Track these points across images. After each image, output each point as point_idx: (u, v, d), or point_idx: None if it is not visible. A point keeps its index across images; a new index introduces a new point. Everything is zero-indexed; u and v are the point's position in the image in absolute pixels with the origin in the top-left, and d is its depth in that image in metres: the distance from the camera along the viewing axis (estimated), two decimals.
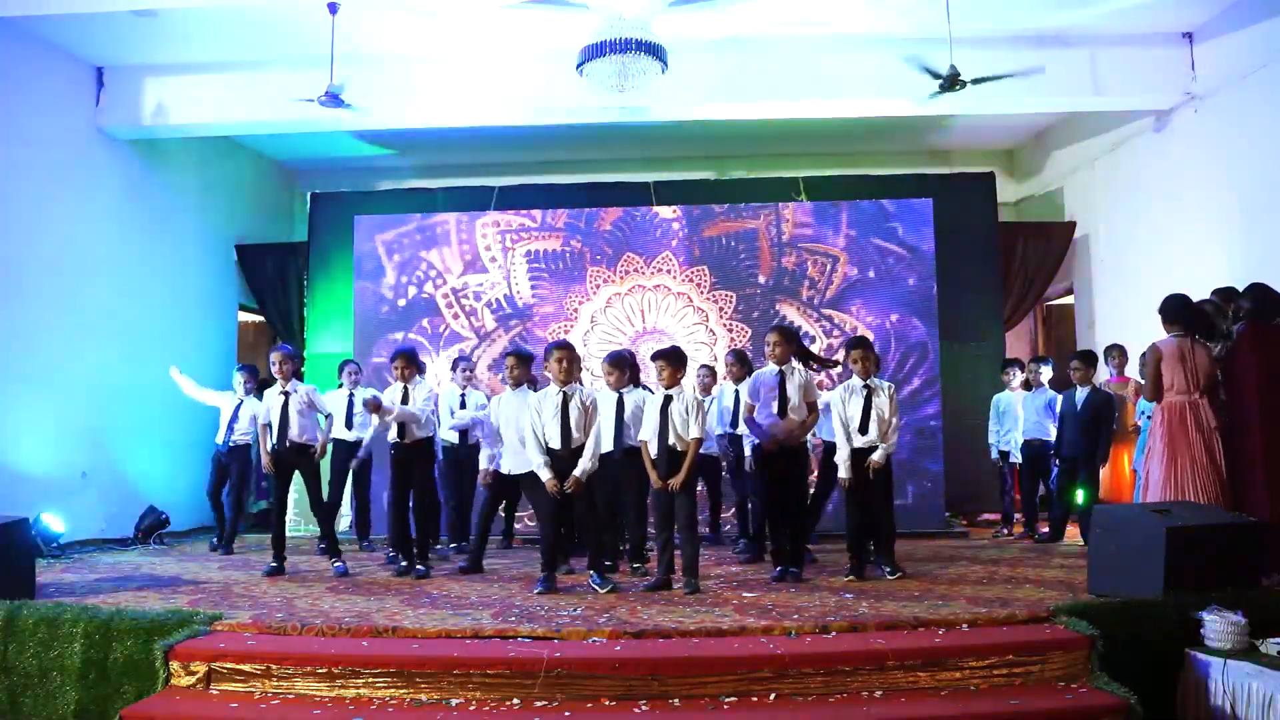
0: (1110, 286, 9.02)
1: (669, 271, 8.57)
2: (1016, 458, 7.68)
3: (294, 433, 6.03)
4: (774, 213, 8.60)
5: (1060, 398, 7.24)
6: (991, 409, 7.92)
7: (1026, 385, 7.69)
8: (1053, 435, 7.31)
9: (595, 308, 8.59)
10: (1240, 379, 5.18)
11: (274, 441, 6.03)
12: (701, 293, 8.54)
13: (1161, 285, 7.65)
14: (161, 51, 7.68)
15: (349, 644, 3.96)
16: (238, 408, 7.40)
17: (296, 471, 6.17)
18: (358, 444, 7.23)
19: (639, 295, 8.57)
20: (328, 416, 6.52)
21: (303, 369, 8.64)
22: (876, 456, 5.43)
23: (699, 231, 8.59)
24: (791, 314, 8.45)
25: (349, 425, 7.21)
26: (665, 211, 8.70)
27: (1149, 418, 6.05)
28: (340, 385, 7.36)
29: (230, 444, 7.42)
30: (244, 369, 7.64)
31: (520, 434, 5.40)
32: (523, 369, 5.83)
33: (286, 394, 6.07)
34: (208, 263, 9.59)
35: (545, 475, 5.13)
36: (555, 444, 5.18)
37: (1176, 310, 5.36)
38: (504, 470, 5.81)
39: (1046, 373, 7.67)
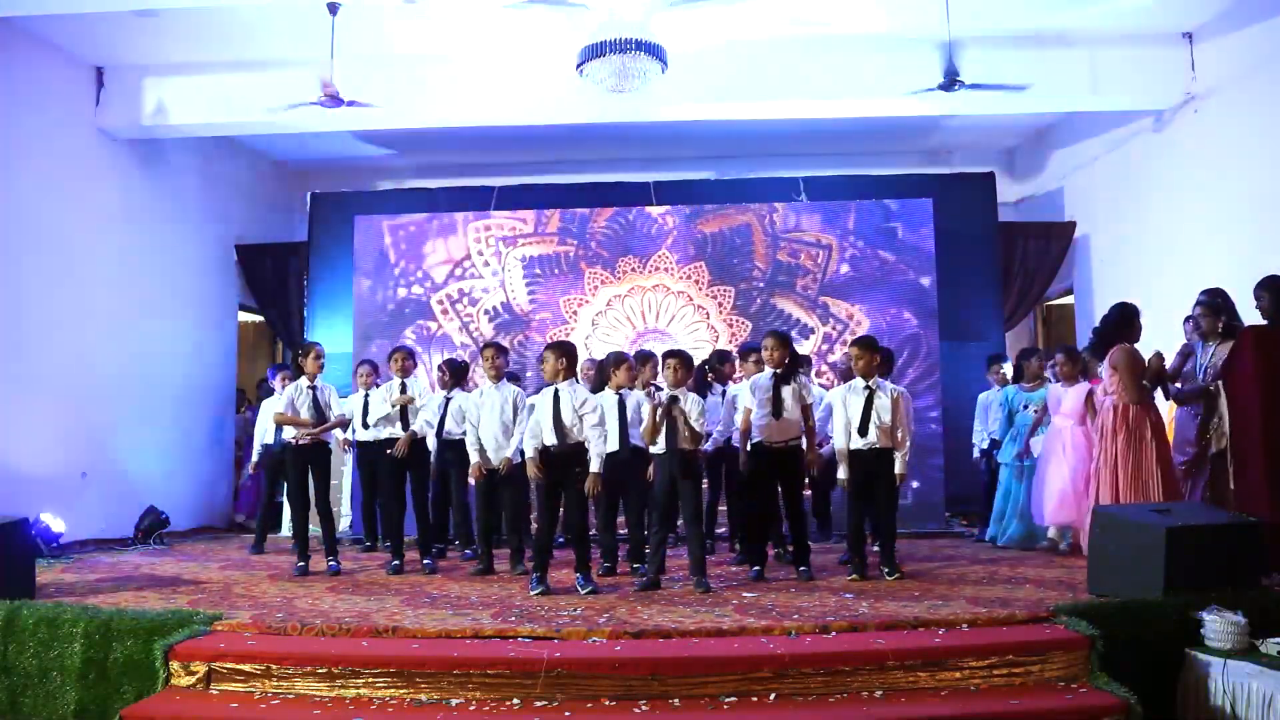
0: (1110, 286, 9.01)
1: (667, 270, 8.59)
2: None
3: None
4: (765, 207, 8.63)
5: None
6: (978, 407, 7.77)
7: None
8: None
9: (595, 310, 8.60)
10: (1240, 379, 5.17)
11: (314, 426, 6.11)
12: (701, 289, 8.55)
13: (1161, 285, 7.69)
14: (161, 51, 7.67)
15: (349, 644, 3.96)
16: None
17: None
18: (377, 444, 7.14)
19: (639, 296, 8.58)
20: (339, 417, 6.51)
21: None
22: (897, 468, 5.46)
23: (694, 228, 8.61)
24: (789, 305, 8.47)
25: (365, 425, 7.15)
26: (657, 210, 8.72)
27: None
28: (359, 386, 7.33)
29: (283, 442, 7.33)
30: (283, 368, 7.78)
31: (507, 427, 5.77)
32: (503, 361, 6.01)
33: (314, 389, 6.11)
34: (208, 263, 9.58)
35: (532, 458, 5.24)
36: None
37: None
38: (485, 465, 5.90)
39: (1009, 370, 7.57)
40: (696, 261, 8.57)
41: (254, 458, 7.87)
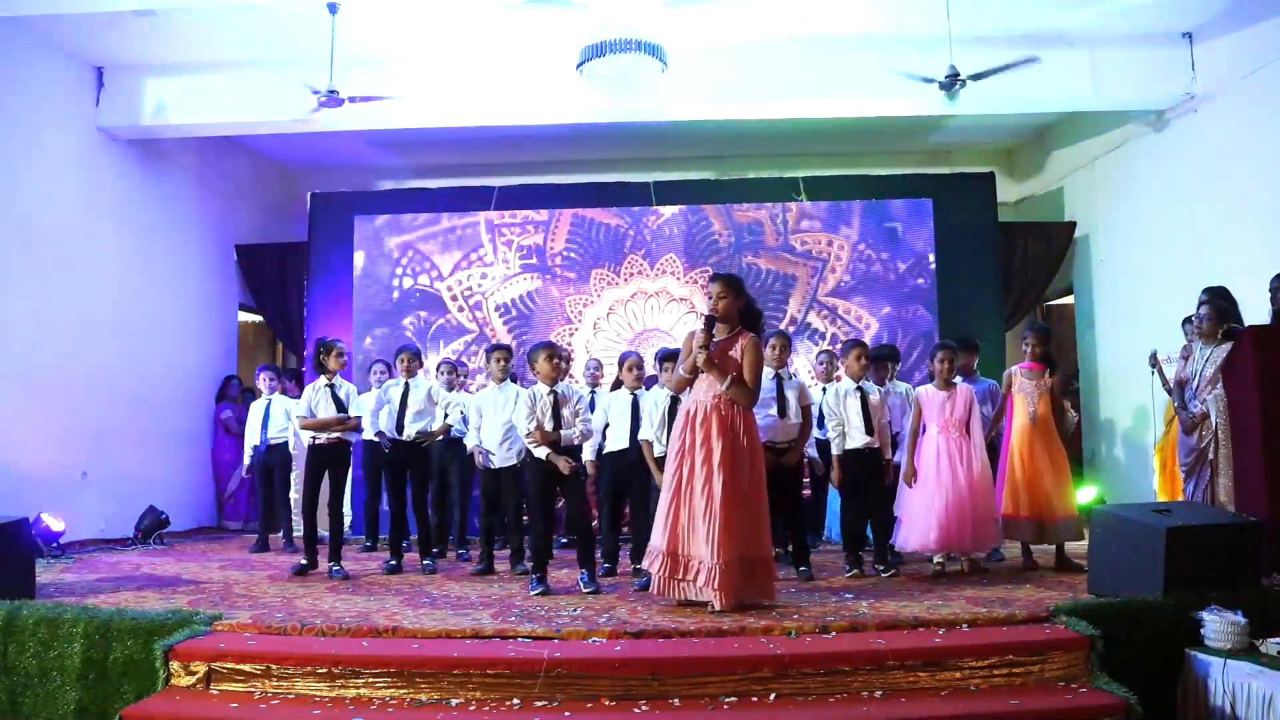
0: (1110, 286, 9.02)
1: (673, 274, 8.59)
2: None
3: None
4: (777, 208, 8.65)
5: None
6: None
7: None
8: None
9: (598, 313, 8.61)
10: (1240, 379, 5.17)
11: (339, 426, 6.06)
12: (705, 296, 8.55)
13: (1161, 285, 7.69)
14: (161, 51, 7.67)
15: (349, 644, 3.95)
16: (268, 406, 7.43)
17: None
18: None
19: (641, 301, 8.59)
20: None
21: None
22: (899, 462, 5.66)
23: (701, 231, 8.61)
24: (794, 306, 8.46)
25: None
26: (667, 209, 8.72)
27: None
28: (373, 386, 7.31)
29: (269, 442, 7.39)
30: (269, 368, 7.79)
31: (509, 426, 5.72)
32: (509, 363, 6.03)
33: (332, 386, 6.06)
34: (208, 263, 9.58)
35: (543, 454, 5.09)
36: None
37: None
38: (490, 465, 5.91)
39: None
40: (701, 266, 8.57)
41: (245, 460, 7.85)
